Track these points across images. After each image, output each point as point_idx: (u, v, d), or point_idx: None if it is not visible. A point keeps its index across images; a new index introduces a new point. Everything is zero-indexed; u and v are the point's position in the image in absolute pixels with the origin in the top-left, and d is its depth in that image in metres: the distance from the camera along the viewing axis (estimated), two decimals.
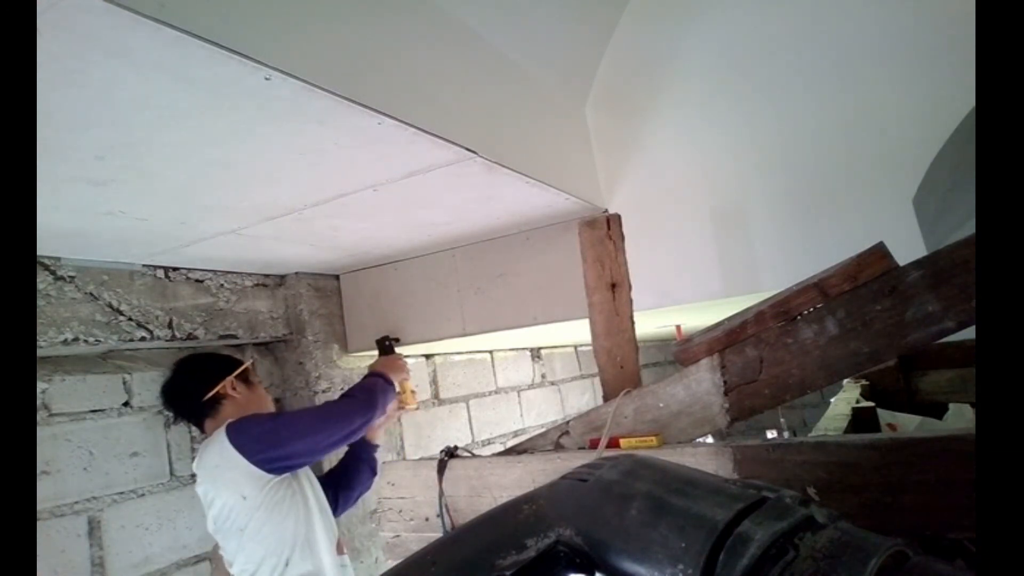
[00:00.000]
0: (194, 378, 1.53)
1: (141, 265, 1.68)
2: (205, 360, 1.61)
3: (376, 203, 1.47)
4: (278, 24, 0.89)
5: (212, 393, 1.50)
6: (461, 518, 0.88)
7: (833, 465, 0.68)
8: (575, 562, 0.50)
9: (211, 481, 1.38)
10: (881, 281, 0.75)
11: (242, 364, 1.60)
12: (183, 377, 1.55)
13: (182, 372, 1.56)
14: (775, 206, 1.65)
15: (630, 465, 0.54)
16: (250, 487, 1.35)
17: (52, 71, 0.78)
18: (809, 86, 1.61)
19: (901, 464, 0.65)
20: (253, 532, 1.36)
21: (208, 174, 1.17)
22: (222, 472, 1.35)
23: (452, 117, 1.23)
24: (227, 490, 1.35)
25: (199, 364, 1.58)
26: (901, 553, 0.38)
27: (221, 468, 1.36)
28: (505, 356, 3.33)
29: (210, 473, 1.38)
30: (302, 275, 2.10)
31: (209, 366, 1.57)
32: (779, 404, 0.82)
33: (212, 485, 1.38)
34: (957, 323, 0.71)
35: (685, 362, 0.88)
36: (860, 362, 0.76)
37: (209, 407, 1.51)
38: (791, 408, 5.04)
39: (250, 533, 1.36)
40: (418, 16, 1.24)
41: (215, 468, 1.37)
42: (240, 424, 1.40)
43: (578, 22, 1.74)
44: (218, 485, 1.37)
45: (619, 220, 1.07)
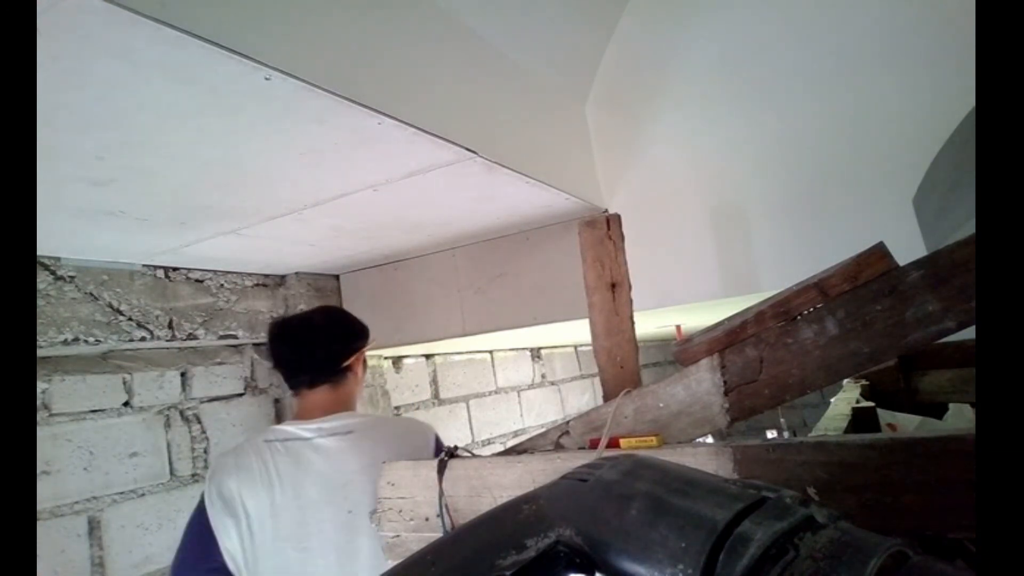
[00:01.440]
0: (339, 337, 1.38)
1: (141, 265, 1.68)
2: (349, 319, 1.45)
3: (376, 203, 1.47)
4: (278, 24, 0.89)
5: (347, 363, 1.35)
6: (461, 518, 0.88)
7: (833, 465, 0.68)
8: (575, 562, 0.50)
9: (371, 472, 1.12)
10: (881, 281, 0.74)
11: (370, 338, 1.44)
12: (330, 331, 1.38)
13: (332, 326, 1.40)
14: (775, 206, 1.65)
15: (630, 465, 0.54)
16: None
17: (52, 71, 0.78)
18: (809, 86, 1.61)
19: (901, 464, 0.65)
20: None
21: (208, 174, 1.17)
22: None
23: (452, 117, 1.23)
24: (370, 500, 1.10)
25: (346, 322, 1.44)
26: (901, 553, 0.38)
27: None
28: (505, 356, 3.33)
29: (376, 464, 1.10)
30: (302, 275, 2.10)
31: (352, 329, 1.41)
32: (779, 404, 0.82)
33: (365, 491, 1.15)
34: (957, 323, 0.71)
35: (685, 362, 0.88)
36: (860, 362, 0.76)
37: (333, 376, 1.34)
38: (791, 408, 5.04)
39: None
40: (418, 16, 1.24)
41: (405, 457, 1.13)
42: (440, 446, 1.27)
43: (578, 22, 1.74)
44: (369, 493, 1.12)
45: (619, 220, 1.06)
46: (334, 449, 1.25)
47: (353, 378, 1.38)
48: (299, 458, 1.24)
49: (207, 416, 1.88)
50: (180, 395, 1.83)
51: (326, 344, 1.36)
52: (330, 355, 1.35)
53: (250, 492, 1.20)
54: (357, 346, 1.39)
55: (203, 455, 1.85)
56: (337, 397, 1.34)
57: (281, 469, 1.23)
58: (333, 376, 1.35)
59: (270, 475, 1.22)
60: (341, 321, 1.44)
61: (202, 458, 1.84)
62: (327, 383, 1.34)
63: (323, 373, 1.34)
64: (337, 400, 1.34)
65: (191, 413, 1.84)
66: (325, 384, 1.33)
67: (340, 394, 1.34)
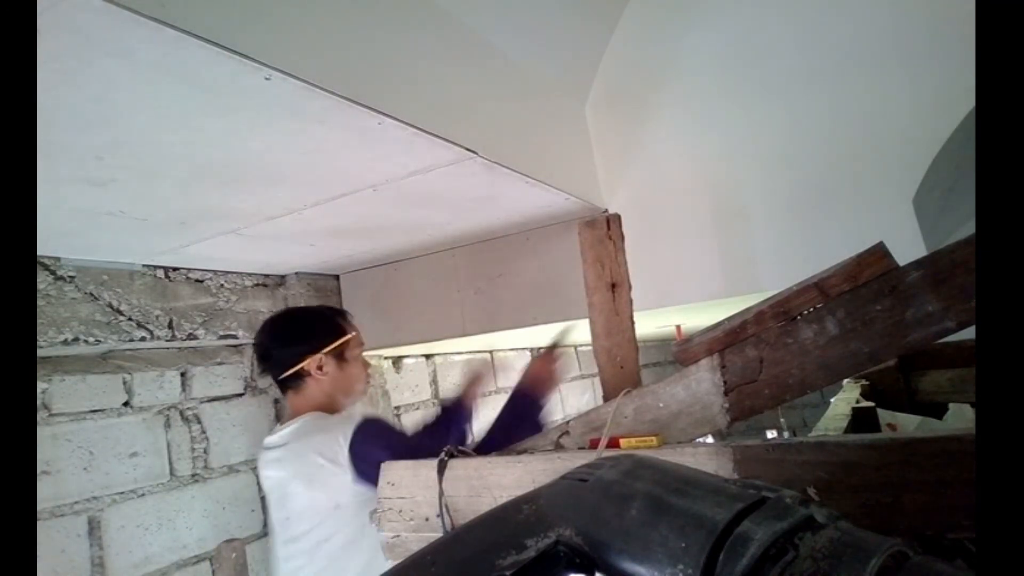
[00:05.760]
0: (279, 344, 1.39)
1: (141, 265, 1.68)
2: (296, 324, 1.45)
3: (376, 203, 1.47)
4: (278, 24, 0.89)
5: (291, 371, 1.36)
6: (461, 518, 0.88)
7: (833, 465, 0.68)
8: (575, 562, 0.50)
9: (306, 477, 1.23)
10: (881, 281, 0.74)
11: (341, 336, 1.43)
12: (269, 340, 1.41)
13: (268, 333, 1.42)
14: (775, 206, 1.65)
15: (630, 465, 0.54)
16: (347, 498, 1.21)
17: (52, 71, 0.78)
18: (809, 86, 1.61)
19: (901, 464, 0.65)
20: (333, 549, 1.20)
21: (208, 174, 1.17)
22: (327, 473, 1.20)
23: (452, 117, 1.23)
24: (322, 492, 1.20)
25: (289, 328, 1.43)
26: (901, 553, 0.38)
27: (327, 469, 1.21)
28: (505, 356, 3.33)
29: (307, 467, 1.23)
30: (302, 275, 2.10)
31: (299, 334, 1.41)
32: (779, 404, 0.82)
33: (305, 480, 1.23)
34: (957, 323, 0.70)
35: (685, 362, 0.88)
36: (860, 362, 0.76)
37: (290, 382, 1.37)
38: (791, 408, 5.04)
39: (328, 550, 1.20)
40: (418, 16, 1.24)
41: (319, 467, 1.22)
42: (368, 434, 1.24)
43: (578, 22, 1.74)
44: (314, 484, 1.22)
45: (619, 220, 1.06)
46: (271, 460, 1.34)
47: (315, 382, 1.38)
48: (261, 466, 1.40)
49: (207, 416, 1.88)
50: (180, 395, 1.83)
51: (270, 354, 1.41)
52: (279, 363, 1.39)
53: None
54: (301, 351, 1.38)
55: (203, 455, 1.84)
56: (304, 401, 1.37)
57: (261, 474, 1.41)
58: (289, 382, 1.39)
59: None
60: (284, 329, 1.45)
61: (202, 458, 1.84)
62: (289, 389, 1.40)
63: (280, 381, 1.40)
64: (304, 403, 1.38)
65: (191, 413, 1.84)
66: (289, 390, 1.40)
67: (305, 398, 1.38)
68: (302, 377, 1.39)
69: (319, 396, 1.39)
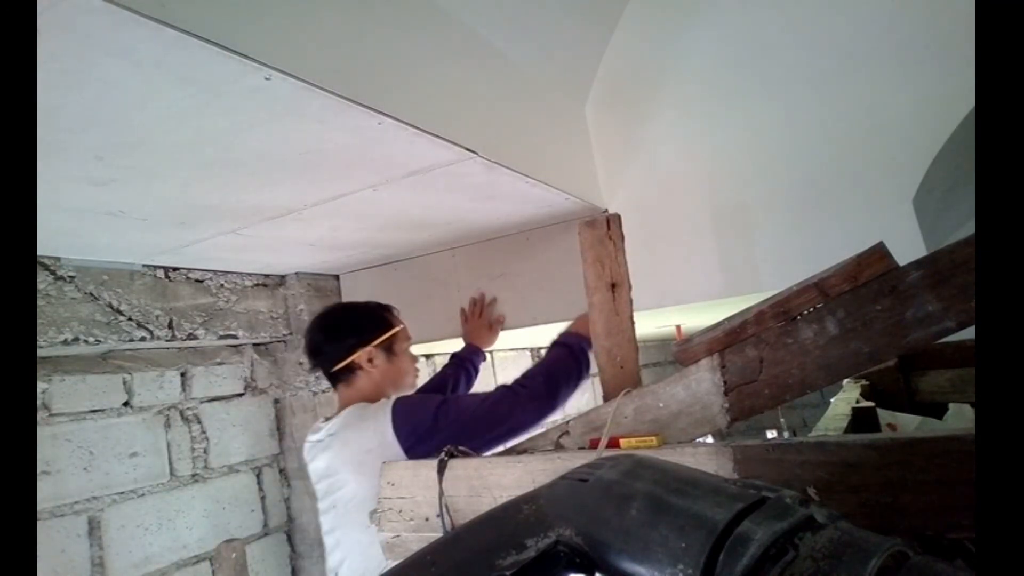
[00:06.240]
0: (330, 338, 1.41)
1: (141, 265, 1.68)
2: (346, 318, 1.47)
3: (376, 203, 1.47)
4: (278, 24, 0.89)
5: (343, 364, 1.38)
6: (461, 518, 0.88)
7: (833, 465, 0.68)
8: (575, 562, 0.50)
9: (355, 464, 1.23)
10: (881, 281, 0.74)
11: (389, 329, 1.45)
12: (319, 334, 1.43)
13: (318, 328, 1.44)
14: (775, 206, 1.65)
15: (630, 465, 0.54)
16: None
17: (52, 71, 0.78)
18: (809, 86, 1.61)
19: (901, 464, 0.65)
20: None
21: (208, 174, 1.17)
22: (374, 459, 1.16)
23: (452, 117, 1.23)
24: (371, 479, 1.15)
25: (339, 322, 1.45)
26: (901, 553, 0.38)
27: (374, 454, 1.19)
28: (505, 356, 3.33)
29: (355, 455, 1.24)
30: (302, 275, 2.10)
31: (349, 328, 1.43)
32: (779, 404, 0.82)
33: (355, 469, 1.23)
34: (957, 323, 0.70)
35: (685, 362, 0.88)
36: (860, 362, 0.76)
37: (341, 375, 1.40)
38: (791, 408, 5.05)
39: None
40: (418, 16, 1.24)
41: (366, 452, 1.22)
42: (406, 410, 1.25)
43: (578, 22, 1.74)
44: (363, 472, 1.21)
45: (619, 220, 1.06)
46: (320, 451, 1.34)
47: (365, 375, 1.41)
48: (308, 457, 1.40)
49: (207, 416, 1.89)
50: (180, 395, 1.83)
51: (321, 348, 1.43)
52: (330, 357, 1.42)
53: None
54: (352, 344, 1.41)
55: (203, 455, 1.85)
56: (355, 393, 1.39)
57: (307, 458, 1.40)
58: (340, 376, 1.42)
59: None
60: (335, 323, 1.46)
61: (202, 458, 1.84)
62: (340, 382, 1.42)
63: (331, 375, 1.42)
64: (355, 395, 1.39)
65: (191, 413, 1.84)
66: (340, 383, 1.42)
67: (356, 390, 1.40)
68: (353, 370, 1.41)
69: (369, 388, 1.40)
